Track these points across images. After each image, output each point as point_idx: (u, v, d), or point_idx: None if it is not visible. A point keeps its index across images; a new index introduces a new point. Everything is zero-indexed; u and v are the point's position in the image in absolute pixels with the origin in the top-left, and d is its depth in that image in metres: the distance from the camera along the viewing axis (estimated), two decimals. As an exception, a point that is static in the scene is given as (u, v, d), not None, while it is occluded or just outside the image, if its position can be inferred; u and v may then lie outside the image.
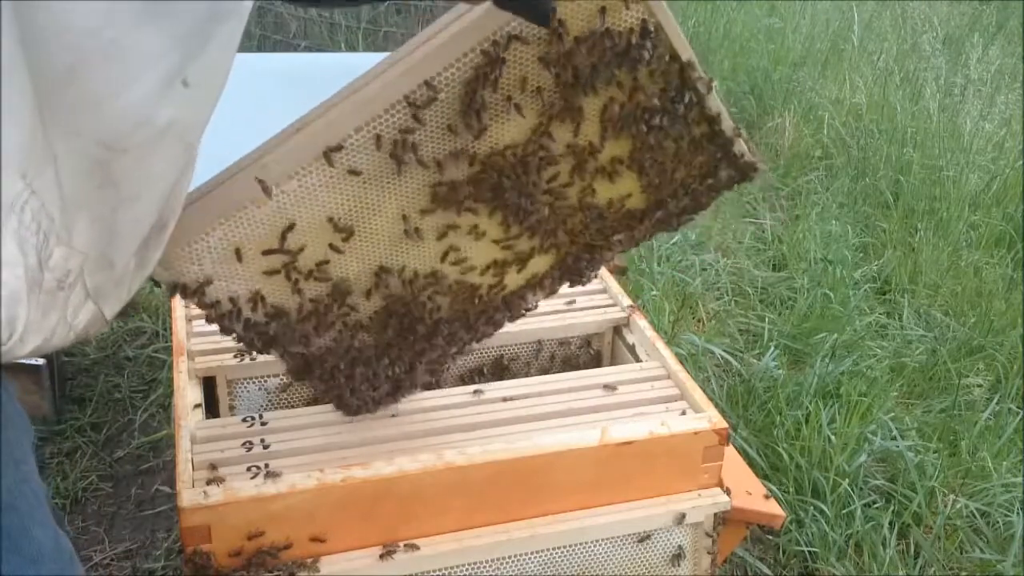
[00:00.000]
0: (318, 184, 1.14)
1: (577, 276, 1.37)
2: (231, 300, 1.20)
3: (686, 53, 1.15)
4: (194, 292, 1.17)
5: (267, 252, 1.17)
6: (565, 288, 1.39)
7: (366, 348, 1.31)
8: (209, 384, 1.55)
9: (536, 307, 1.40)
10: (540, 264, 1.33)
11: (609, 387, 1.54)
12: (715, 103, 1.20)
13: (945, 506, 2.21)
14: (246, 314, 1.22)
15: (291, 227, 1.16)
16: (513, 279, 1.33)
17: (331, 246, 1.19)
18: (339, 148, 1.12)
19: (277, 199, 1.14)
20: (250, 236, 1.16)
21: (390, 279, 1.25)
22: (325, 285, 1.23)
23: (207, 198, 1.11)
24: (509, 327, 1.41)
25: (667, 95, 1.17)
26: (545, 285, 1.36)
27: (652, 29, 1.11)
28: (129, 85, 0.75)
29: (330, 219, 1.18)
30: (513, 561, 1.40)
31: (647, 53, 1.12)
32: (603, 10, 1.09)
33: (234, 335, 1.24)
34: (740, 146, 1.24)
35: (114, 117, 0.77)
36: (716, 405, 1.58)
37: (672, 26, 1.12)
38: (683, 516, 1.45)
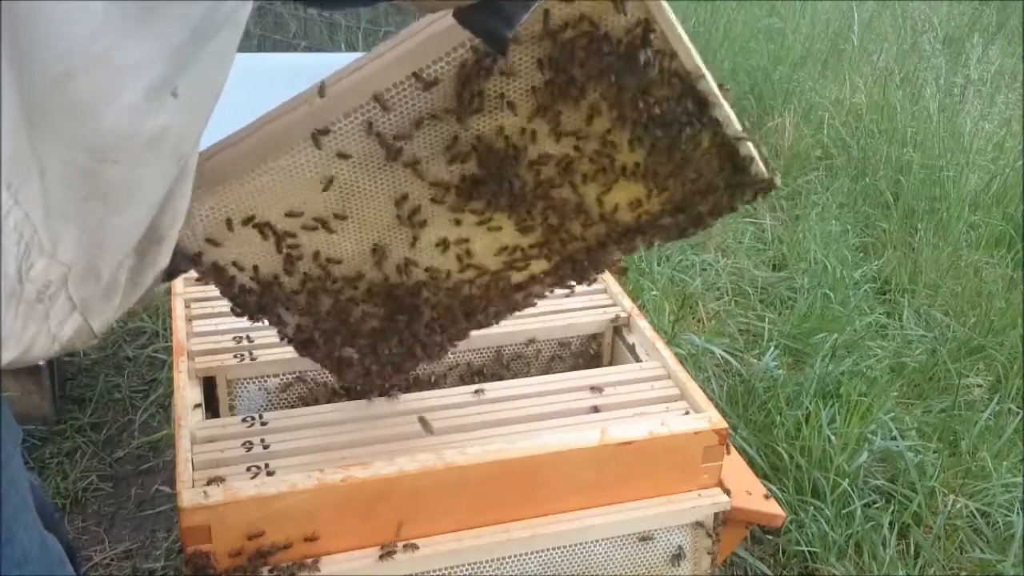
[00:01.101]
0: (307, 164, 1.15)
1: (578, 277, 1.35)
2: (224, 266, 1.20)
3: (688, 58, 1.11)
4: (190, 258, 1.18)
5: (255, 225, 1.18)
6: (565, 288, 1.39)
7: (362, 323, 1.31)
8: (209, 384, 1.56)
9: (536, 304, 1.39)
10: (540, 263, 1.32)
11: (608, 387, 1.54)
12: (723, 112, 1.16)
13: (945, 506, 2.21)
14: (240, 280, 1.22)
15: (276, 204, 1.17)
16: (511, 275, 1.31)
17: (323, 225, 1.20)
18: (326, 132, 1.12)
19: (267, 175, 1.14)
20: (240, 208, 1.16)
21: (383, 263, 1.25)
22: (316, 264, 1.23)
23: (202, 166, 1.11)
24: (510, 326, 1.41)
25: (670, 103, 1.14)
26: (546, 282, 1.34)
27: (653, 35, 1.09)
28: (118, 94, 0.75)
29: (319, 200, 1.18)
30: (513, 561, 1.40)
31: (645, 58, 1.10)
32: (600, 12, 1.07)
33: (230, 300, 1.25)
34: (749, 150, 1.19)
35: (104, 126, 0.76)
36: (716, 405, 1.58)
37: (675, 31, 1.09)
38: (683, 516, 1.45)
